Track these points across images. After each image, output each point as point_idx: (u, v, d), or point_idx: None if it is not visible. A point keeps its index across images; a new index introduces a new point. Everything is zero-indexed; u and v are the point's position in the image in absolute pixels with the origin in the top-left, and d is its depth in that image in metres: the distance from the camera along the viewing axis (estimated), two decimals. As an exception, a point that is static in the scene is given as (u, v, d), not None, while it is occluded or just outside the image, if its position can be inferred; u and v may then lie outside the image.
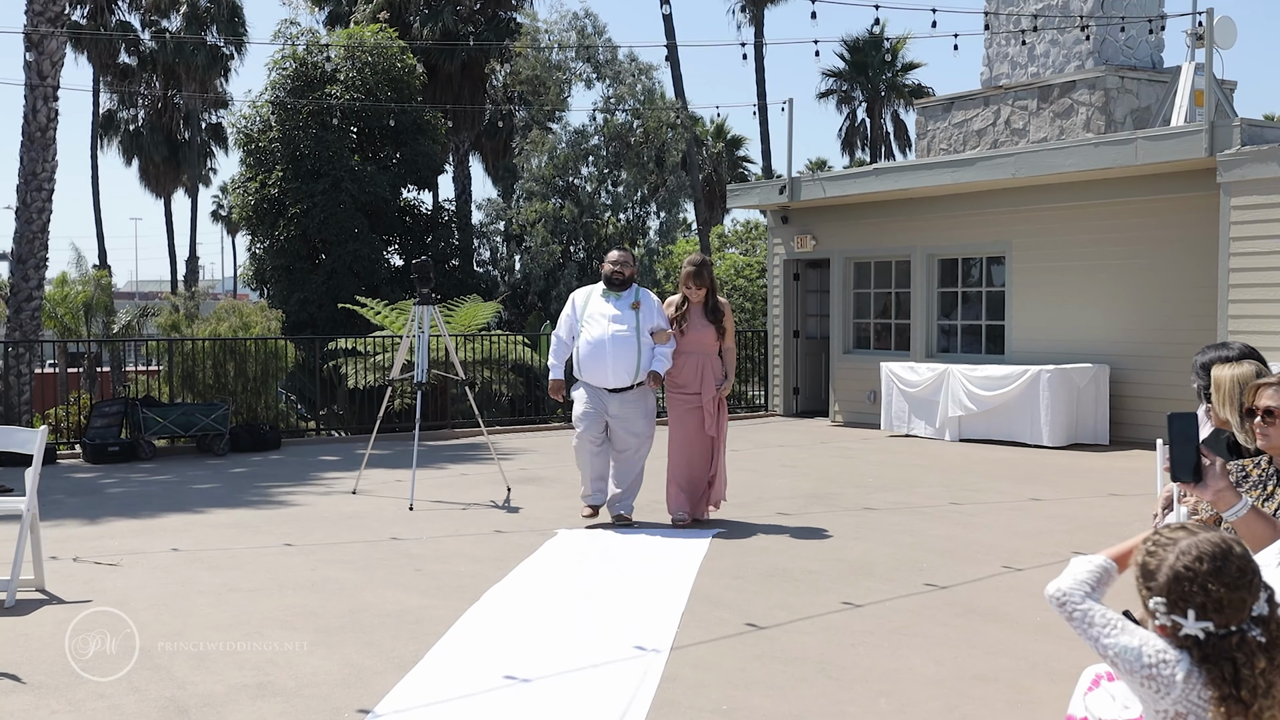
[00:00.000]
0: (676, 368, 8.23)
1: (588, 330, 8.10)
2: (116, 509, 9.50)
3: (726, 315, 8.30)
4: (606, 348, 7.98)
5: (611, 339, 7.99)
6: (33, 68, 14.39)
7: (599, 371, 8.03)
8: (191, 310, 28.31)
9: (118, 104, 42.40)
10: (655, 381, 8.08)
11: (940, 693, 4.71)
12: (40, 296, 14.78)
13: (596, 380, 8.07)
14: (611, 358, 7.98)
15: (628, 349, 8.01)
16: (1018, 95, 16.78)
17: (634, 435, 8.14)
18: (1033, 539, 7.82)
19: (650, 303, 8.21)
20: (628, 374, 8.03)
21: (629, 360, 8.01)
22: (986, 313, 14.84)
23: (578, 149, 26.64)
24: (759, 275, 26.32)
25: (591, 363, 8.04)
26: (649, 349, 8.08)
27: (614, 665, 5.03)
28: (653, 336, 8.10)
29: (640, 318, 8.10)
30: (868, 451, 12.89)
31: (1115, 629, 2.63)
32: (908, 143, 43.59)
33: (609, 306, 8.14)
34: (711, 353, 8.28)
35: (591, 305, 8.20)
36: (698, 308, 8.30)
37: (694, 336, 8.24)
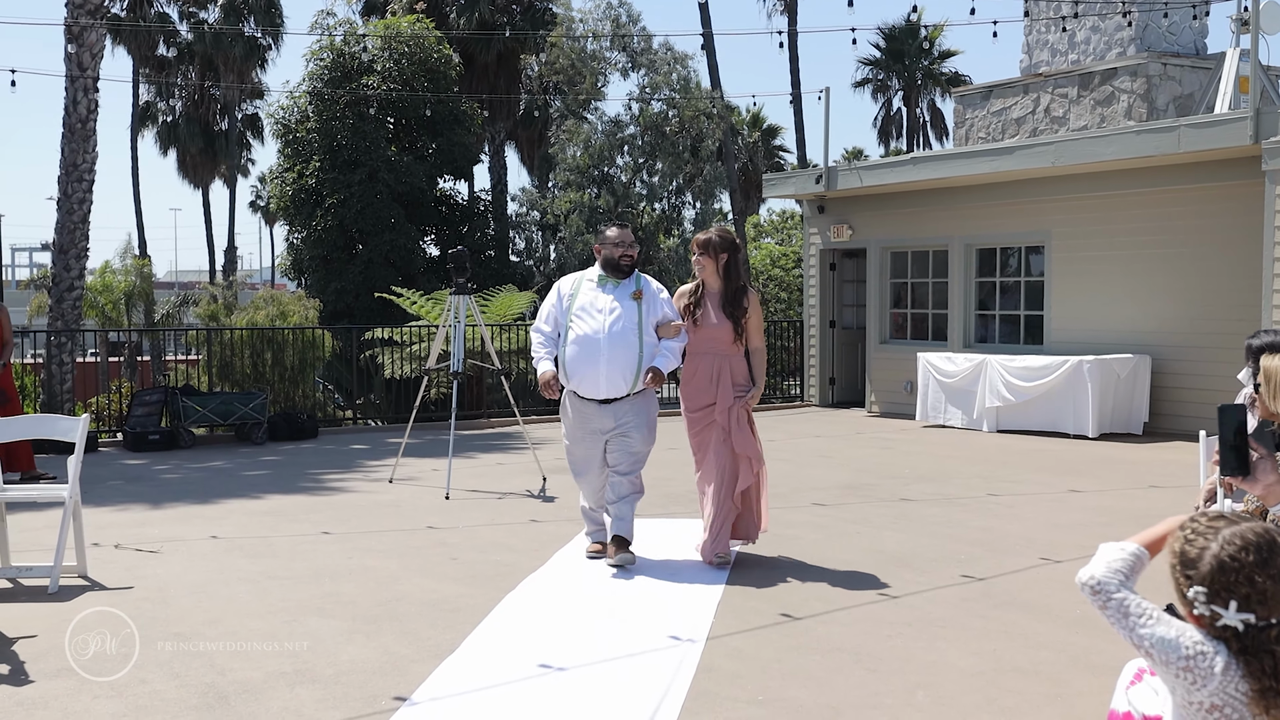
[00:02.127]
0: (687, 373, 6.72)
1: (577, 327, 6.51)
2: (156, 497, 9.60)
3: (753, 307, 6.61)
4: (600, 348, 6.41)
5: (608, 338, 6.43)
6: (73, 60, 14.52)
7: (589, 378, 6.46)
8: (230, 300, 28.56)
9: (156, 95, 42.78)
10: (657, 381, 6.54)
11: (978, 685, 4.68)
12: (81, 286, 14.94)
13: (586, 389, 6.50)
14: (606, 361, 6.41)
15: (627, 350, 6.44)
16: (1058, 83, 16.60)
17: (630, 453, 6.60)
18: (1071, 531, 7.75)
19: (655, 292, 6.67)
20: (625, 381, 6.46)
21: (628, 364, 6.44)
22: (1025, 303, 14.71)
23: (613, 139, 26.61)
24: (794, 265, 26.21)
25: (581, 367, 6.46)
26: (652, 349, 6.57)
27: (649, 655, 5.02)
28: (658, 332, 6.59)
29: (644, 311, 6.54)
30: (904, 442, 12.82)
31: (1151, 619, 2.60)
32: (945, 131, 43.26)
33: (605, 297, 6.56)
34: (731, 354, 6.61)
35: (582, 296, 6.60)
36: (715, 296, 6.63)
37: (709, 333, 6.59)
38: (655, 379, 6.53)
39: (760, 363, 6.73)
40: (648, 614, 5.63)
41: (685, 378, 6.75)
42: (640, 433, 6.63)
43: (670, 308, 6.65)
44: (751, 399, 6.60)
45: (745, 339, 6.63)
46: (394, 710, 4.43)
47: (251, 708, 4.46)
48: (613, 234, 6.65)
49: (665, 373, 6.56)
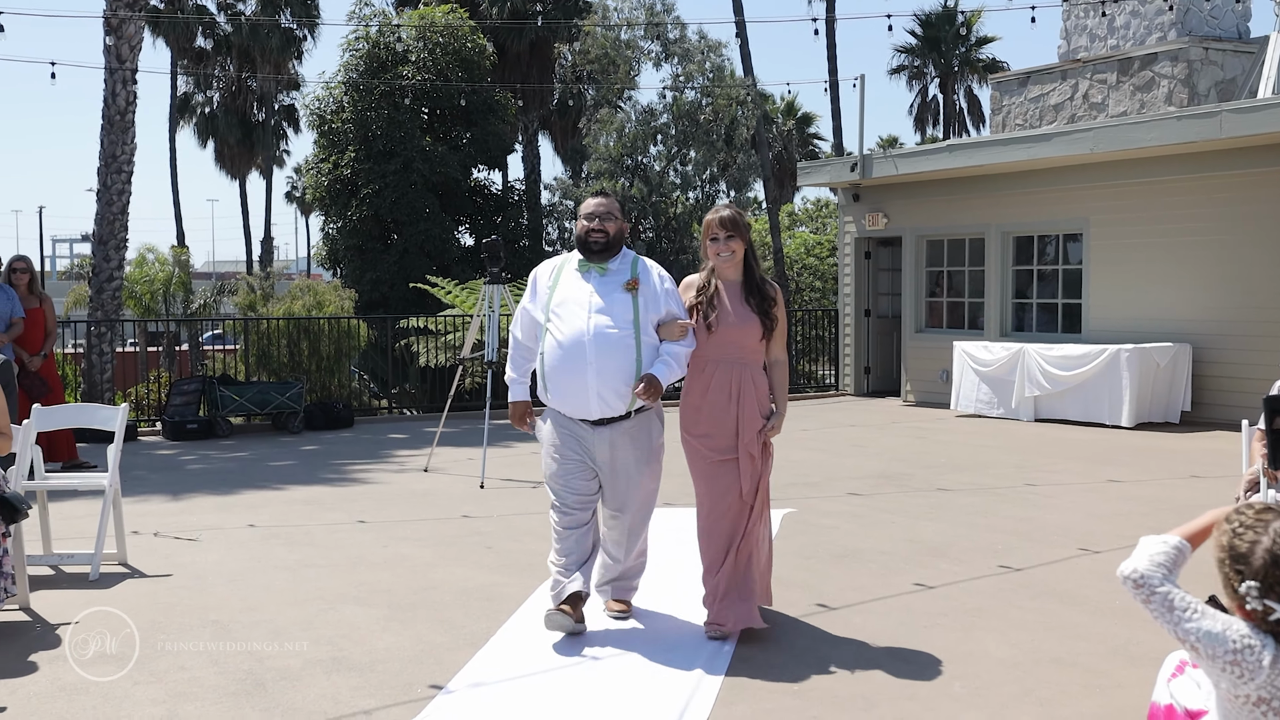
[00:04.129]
0: (694, 388, 5.20)
1: (557, 326, 5.09)
2: (195, 485, 9.69)
3: (778, 305, 5.22)
4: (587, 353, 4.99)
5: (595, 339, 4.99)
6: (112, 52, 14.64)
7: (575, 392, 5.03)
8: (267, 290, 28.75)
9: (194, 87, 43.10)
10: (652, 393, 4.98)
11: (1015, 676, 4.64)
12: (121, 277, 15.08)
13: (572, 407, 5.08)
14: (595, 370, 4.98)
15: (620, 354, 5.00)
16: (1096, 68, 16.41)
17: (634, 490, 5.18)
18: (1110, 521, 7.67)
19: (654, 279, 5.18)
20: (619, 396, 5.03)
21: (622, 371, 5.00)
22: (1063, 291, 14.57)
23: (646, 128, 26.57)
24: (829, 254, 26.10)
25: (563, 378, 5.04)
26: (653, 352, 5.11)
27: (683, 646, 5.01)
28: (659, 331, 5.13)
29: (641, 303, 5.09)
30: (940, 432, 12.74)
31: (1196, 613, 2.57)
32: (981, 119, 42.91)
33: (588, 287, 5.13)
34: (753, 362, 5.17)
35: (563, 287, 5.18)
36: (733, 289, 5.20)
37: (728, 335, 5.12)
38: (649, 391, 4.95)
39: (783, 379, 5.29)
40: (683, 603, 5.62)
41: (692, 395, 5.19)
42: (640, 464, 5.17)
43: (676, 302, 5.17)
44: (773, 430, 5.15)
45: (767, 345, 5.24)
46: (430, 698, 4.45)
47: (289, 695, 4.50)
48: (588, 205, 5.24)
49: (665, 385, 5.01)
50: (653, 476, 5.26)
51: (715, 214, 5.24)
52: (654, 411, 5.25)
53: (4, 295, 10.02)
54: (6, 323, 9.94)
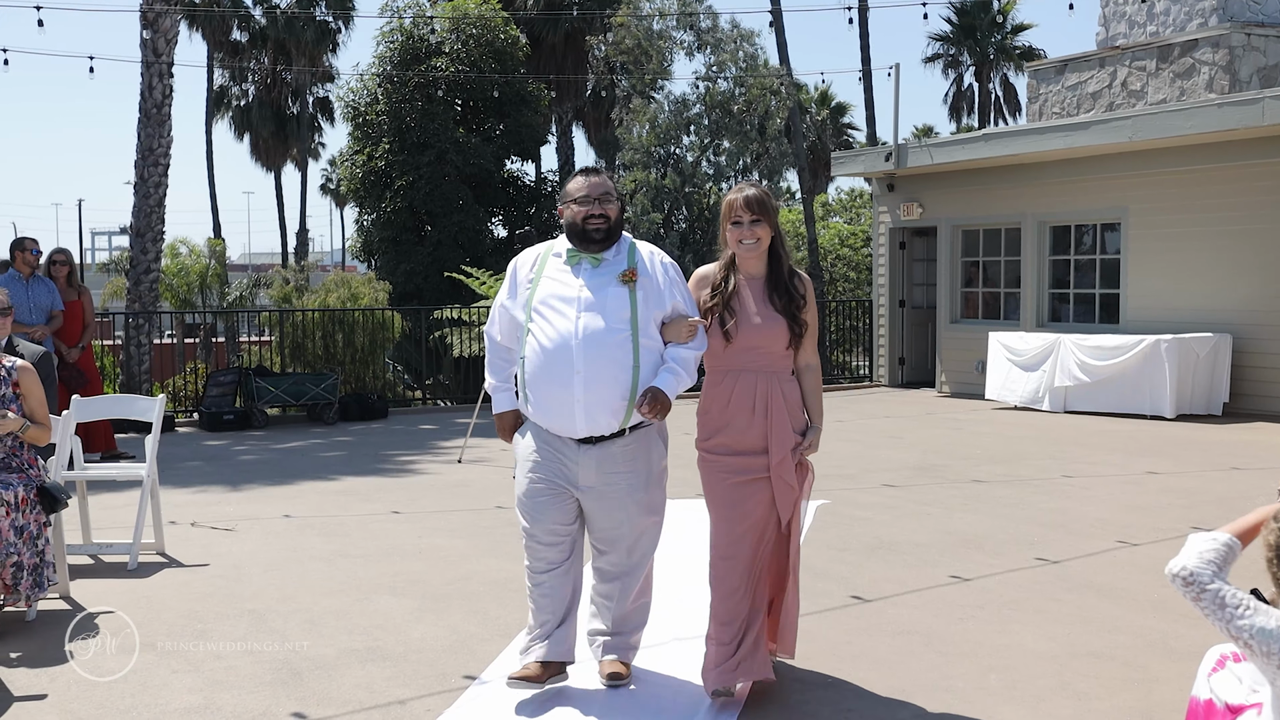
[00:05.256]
0: (714, 401, 4.36)
1: (540, 327, 4.23)
2: (231, 476, 9.76)
3: (809, 306, 4.37)
4: (574, 360, 4.15)
5: (584, 342, 4.15)
6: (149, 45, 14.76)
7: (558, 406, 4.20)
8: (301, 282, 28.93)
9: (229, 80, 43.39)
10: (656, 409, 4.14)
11: (1052, 669, 4.60)
12: (158, 269, 15.21)
13: (555, 422, 4.24)
14: (584, 380, 4.14)
15: (614, 360, 4.16)
16: (1135, 55, 16.21)
17: (627, 524, 4.31)
18: (1149, 513, 7.59)
19: (656, 268, 4.32)
20: (612, 411, 4.18)
21: (616, 382, 4.17)
22: (1100, 281, 14.43)
23: (679, 118, 26.51)
24: (863, 244, 25.98)
25: (545, 389, 4.21)
26: (656, 357, 4.26)
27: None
28: (664, 331, 4.29)
29: (640, 298, 4.24)
30: (975, 423, 12.65)
31: (1249, 610, 2.53)
32: (1017, 107, 42.51)
33: (576, 281, 4.27)
34: (781, 370, 4.34)
35: (547, 281, 4.30)
36: (756, 285, 4.36)
37: (751, 338, 4.30)
38: (655, 407, 4.12)
39: (818, 386, 4.45)
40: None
41: (710, 408, 4.37)
42: (636, 493, 4.26)
43: (683, 294, 4.32)
44: (809, 448, 4.35)
45: (797, 349, 4.38)
46: (464, 689, 4.46)
47: (324, 684, 4.52)
48: (577, 184, 4.34)
49: (672, 397, 4.19)
50: (651, 507, 4.31)
51: (739, 192, 4.35)
52: (655, 428, 4.33)
53: (45, 288, 10.13)
54: (46, 315, 10.04)
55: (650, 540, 4.38)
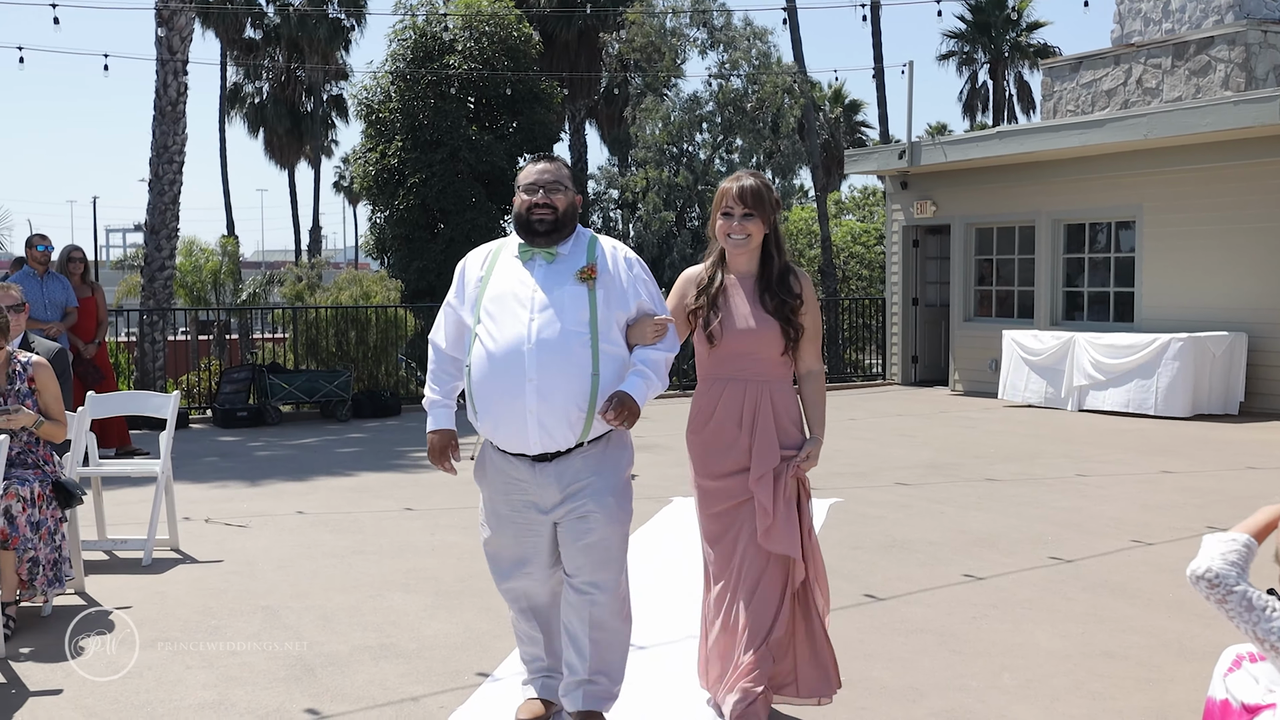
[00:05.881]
0: (700, 412, 4.04)
1: (489, 331, 3.80)
2: (245, 472, 9.79)
3: (805, 305, 3.99)
4: (525, 367, 3.71)
5: (537, 348, 3.71)
6: (163, 43, 14.80)
7: (508, 418, 3.78)
8: (314, 280, 28.99)
9: (243, 77, 43.49)
10: (623, 415, 3.70)
11: (1066, 668, 4.58)
12: (172, 266, 15.25)
13: (506, 436, 3.84)
14: (537, 389, 3.70)
15: (571, 367, 3.72)
16: (1151, 53, 16.14)
17: (595, 532, 3.80)
18: (1164, 513, 7.56)
19: (619, 264, 3.88)
20: (568, 423, 3.74)
21: (573, 391, 3.72)
22: (1114, 279, 14.37)
23: (692, 115, 26.49)
24: (876, 242, 25.93)
25: (494, 399, 3.79)
26: (619, 364, 3.82)
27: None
28: (629, 334, 3.86)
29: (600, 297, 3.80)
30: (989, 421, 12.62)
31: (1275, 611, 2.52)
32: (1032, 105, 42.39)
33: (530, 280, 3.83)
34: (775, 378, 3.99)
35: (498, 280, 3.88)
36: (746, 283, 4.02)
37: (739, 343, 3.97)
38: (622, 413, 3.69)
39: (820, 395, 4.06)
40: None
41: (695, 422, 4.06)
42: (604, 508, 3.80)
43: (649, 292, 3.88)
44: (807, 462, 3.94)
45: (796, 355, 4.01)
46: (477, 685, 4.47)
47: (337, 680, 4.53)
48: (527, 173, 3.92)
49: (641, 403, 3.76)
50: (617, 516, 3.82)
51: (734, 181, 3.98)
52: (619, 435, 3.90)
53: (60, 284, 10.17)
54: (62, 311, 10.09)
55: (619, 550, 3.85)
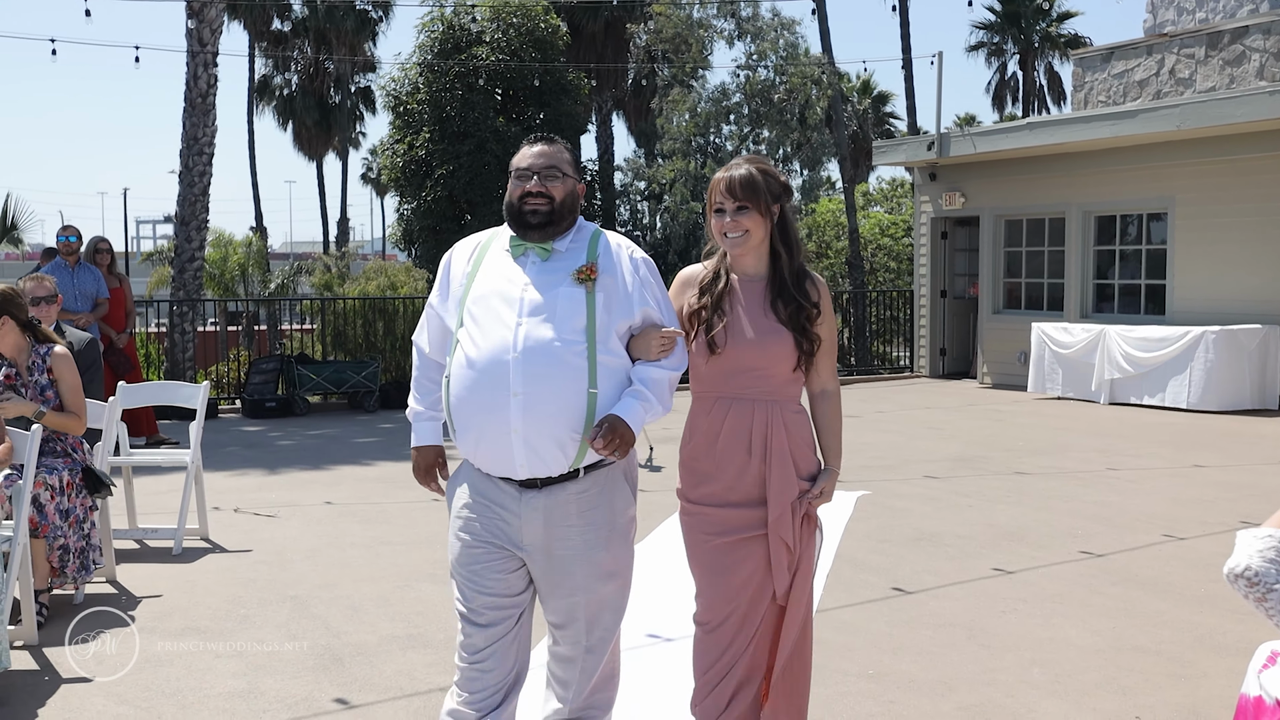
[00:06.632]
0: (699, 435, 3.47)
1: (471, 335, 3.27)
2: (273, 462, 9.84)
3: (823, 315, 3.42)
4: (510, 379, 3.16)
5: (525, 356, 3.17)
6: (194, 35, 14.87)
7: (491, 436, 3.21)
8: (342, 270, 29.12)
9: (272, 69, 43.68)
10: (614, 444, 3.10)
11: (1097, 663, 4.55)
12: (202, 257, 15.33)
13: (488, 458, 3.26)
14: (523, 404, 3.16)
15: (564, 380, 3.17)
16: (1184, 43, 15.98)
17: (582, 593, 3.30)
18: (1196, 507, 7.49)
19: (623, 264, 3.33)
20: (558, 444, 3.18)
21: (565, 408, 3.17)
22: (1146, 272, 14.24)
23: (719, 107, 26.42)
24: (904, 234, 25.80)
25: (475, 414, 3.24)
26: (619, 378, 3.27)
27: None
28: (631, 346, 3.31)
29: (600, 302, 3.25)
30: (1017, 414, 12.53)
31: None
32: (1062, 96, 42.04)
33: (521, 278, 3.29)
34: (784, 397, 3.42)
35: (486, 277, 3.35)
36: (754, 287, 3.44)
37: (744, 356, 3.39)
38: (612, 441, 3.10)
39: (836, 419, 3.51)
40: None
41: (694, 445, 3.48)
42: (594, 558, 3.27)
43: (658, 298, 3.35)
44: (819, 498, 3.41)
45: (808, 371, 3.45)
46: (504, 676, 4.46)
47: (365, 670, 4.55)
48: (518, 155, 3.48)
49: (637, 429, 3.19)
50: (612, 570, 3.31)
51: (725, 172, 3.41)
52: (619, 469, 3.33)
53: (91, 275, 10.25)
54: (92, 302, 10.16)
55: (614, 613, 3.38)
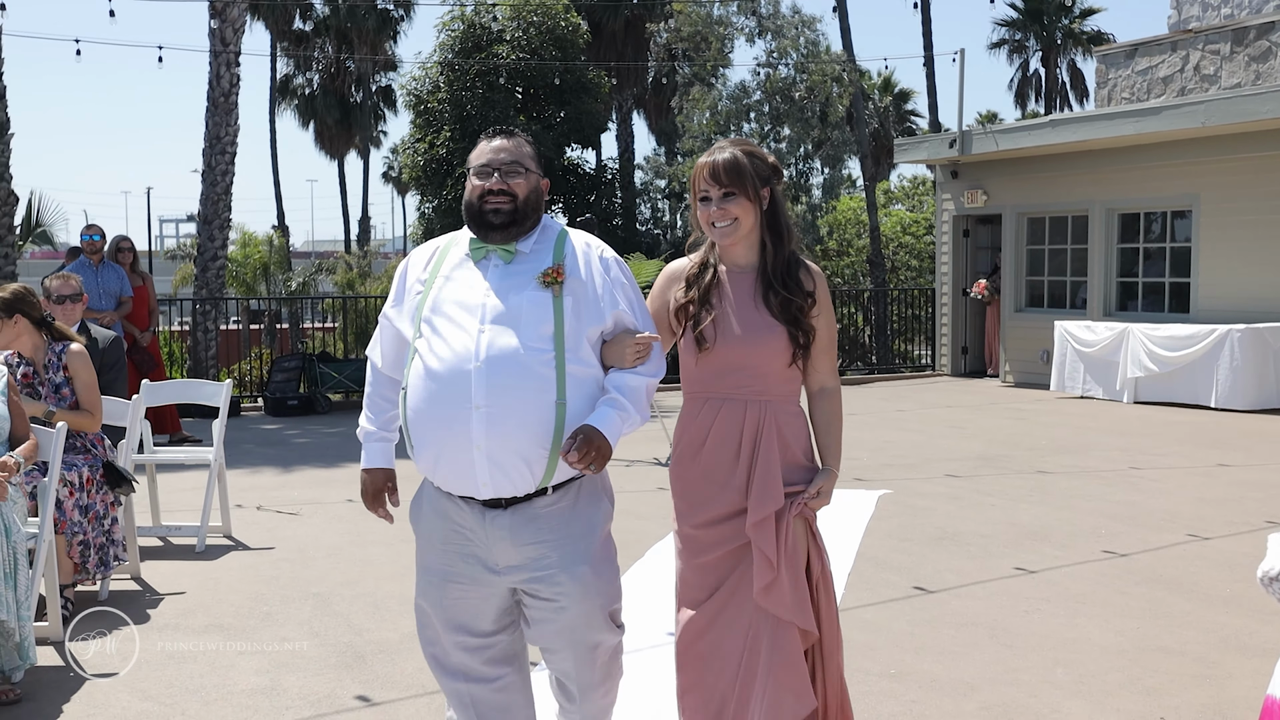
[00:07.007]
0: (686, 439, 3.27)
1: (430, 345, 3.07)
2: (296, 460, 9.88)
3: (821, 294, 3.22)
4: (472, 391, 2.96)
5: (488, 367, 2.96)
6: (216, 35, 14.94)
7: (451, 453, 3.05)
8: (364, 269, 29.20)
9: (293, 69, 43.85)
10: (589, 457, 2.91)
11: (1121, 664, 4.52)
12: (224, 256, 15.41)
13: (448, 476, 3.12)
14: (486, 418, 2.95)
15: (529, 391, 2.97)
16: (1209, 39, 15.86)
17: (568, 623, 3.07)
18: (1221, 507, 7.43)
19: (592, 265, 3.12)
20: (524, 460, 2.98)
21: (531, 421, 2.97)
22: (1170, 269, 14.14)
23: (740, 105, 26.37)
24: (926, 232, 25.70)
25: (433, 430, 3.07)
26: (591, 389, 3.05)
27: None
28: (604, 354, 3.10)
29: (569, 306, 3.04)
30: (1040, 413, 12.47)
31: None
32: (1085, 93, 41.80)
33: (482, 283, 3.09)
34: (778, 396, 3.20)
35: (444, 282, 3.14)
36: (744, 280, 3.23)
37: (733, 354, 3.18)
38: (587, 453, 2.90)
39: (835, 418, 3.28)
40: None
41: (681, 450, 3.29)
42: (576, 572, 3.03)
43: (630, 300, 3.13)
44: (816, 499, 3.17)
45: (806, 367, 3.24)
46: (525, 674, 4.46)
47: (387, 668, 4.56)
48: (476, 150, 3.26)
49: (613, 440, 2.98)
50: (594, 588, 3.04)
51: (708, 157, 3.19)
52: (594, 482, 3.16)
53: (114, 274, 10.31)
54: (116, 300, 10.22)
55: (605, 644, 3.09)
